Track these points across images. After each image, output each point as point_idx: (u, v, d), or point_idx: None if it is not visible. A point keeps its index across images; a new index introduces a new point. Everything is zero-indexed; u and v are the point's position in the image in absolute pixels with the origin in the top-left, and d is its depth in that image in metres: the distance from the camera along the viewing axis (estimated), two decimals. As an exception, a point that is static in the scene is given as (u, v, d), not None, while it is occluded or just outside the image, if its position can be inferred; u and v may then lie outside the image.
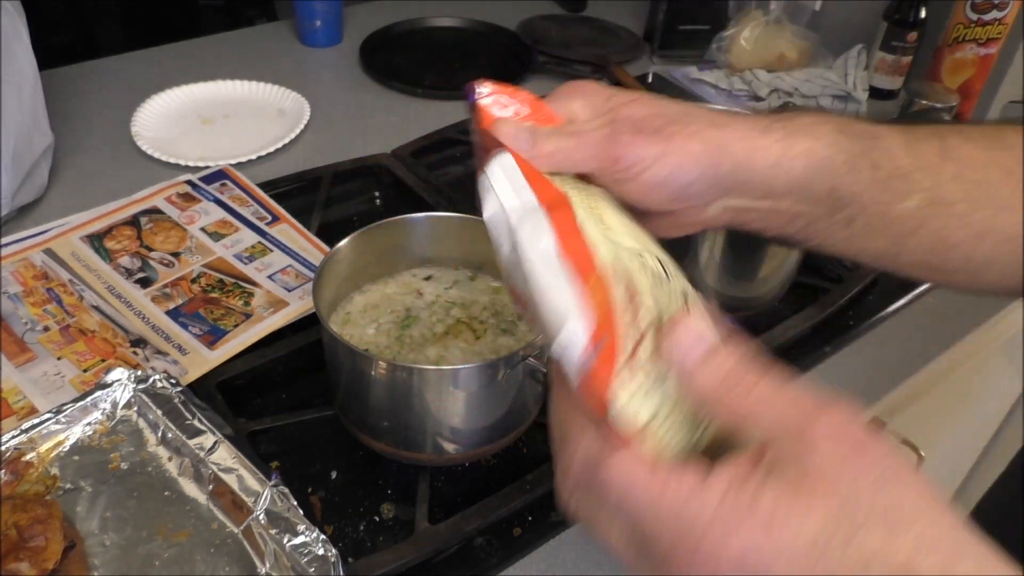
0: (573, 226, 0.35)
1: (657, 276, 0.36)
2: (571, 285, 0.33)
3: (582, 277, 0.33)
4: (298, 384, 0.71)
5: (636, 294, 0.34)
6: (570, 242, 0.34)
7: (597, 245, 0.35)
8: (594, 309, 0.32)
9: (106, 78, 1.11)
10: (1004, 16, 1.05)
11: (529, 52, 1.22)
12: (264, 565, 0.52)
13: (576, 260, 0.34)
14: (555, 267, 0.34)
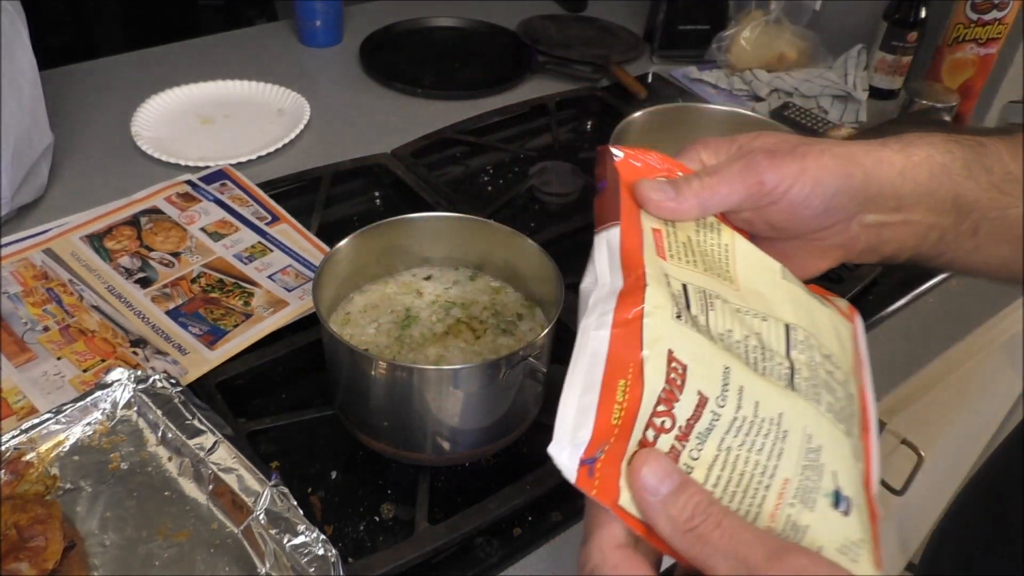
0: (636, 323, 0.35)
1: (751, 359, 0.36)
2: (592, 396, 0.33)
3: (609, 383, 0.33)
4: (298, 384, 0.71)
5: (678, 390, 0.34)
6: (619, 344, 0.34)
7: (656, 341, 0.34)
8: (601, 421, 0.33)
9: (106, 78, 1.11)
10: (1004, 16, 1.05)
11: (529, 52, 1.22)
12: (264, 565, 0.52)
13: (613, 365, 0.34)
14: (592, 370, 0.34)
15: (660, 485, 0.32)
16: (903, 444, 0.98)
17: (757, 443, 0.34)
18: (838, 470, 0.36)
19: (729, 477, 0.34)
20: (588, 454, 0.32)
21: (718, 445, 0.34)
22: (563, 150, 1.05)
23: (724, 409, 0.34)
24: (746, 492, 0.34)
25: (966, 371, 1.01)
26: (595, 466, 0.32)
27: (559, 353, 0.73)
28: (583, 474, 0.32)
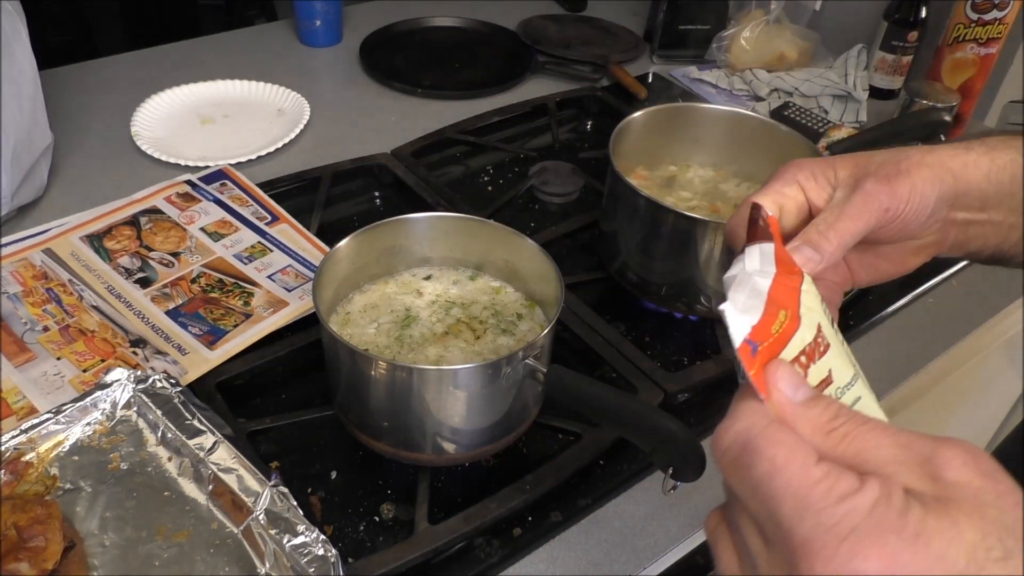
0: (795, 286, 0.37)
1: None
2: (759, 304, 0.34)
3: (771, 307, 0.35)
4: (298, 384, 0.71)
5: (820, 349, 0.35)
6: (780, 289, 0.36)
7: (809, 311, 0.36)
8: (765, 321, 0.34)
9: (106, 78, 1.11)
10: (1004, 16, 1.05)
11: (529, 52, 1.22)
12: (264, 565, 0.52)
13: (774, 300, 0.35)
14: (755, 295, 0.35)
15: (796, 392, 0.32)
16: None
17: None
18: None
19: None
20: (753, 337, 0.33)
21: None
22: (563, 150, 1.05)
23: (844, 399, 0.35)
24: None
25: (966, 371, 1.01)
26: (758, 354, 0.33)
27: (559, 353, 0.74)
28: (746, 349, 0.33)
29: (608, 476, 0.65)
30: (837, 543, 0.28)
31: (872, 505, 0.28)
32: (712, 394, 0.73)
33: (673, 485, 0.54)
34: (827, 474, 0.29)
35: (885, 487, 0.28)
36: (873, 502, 0.28)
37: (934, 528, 0.27)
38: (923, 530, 0.27)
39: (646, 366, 0.71)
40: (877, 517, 0.27)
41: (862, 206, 0.42)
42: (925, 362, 0.80)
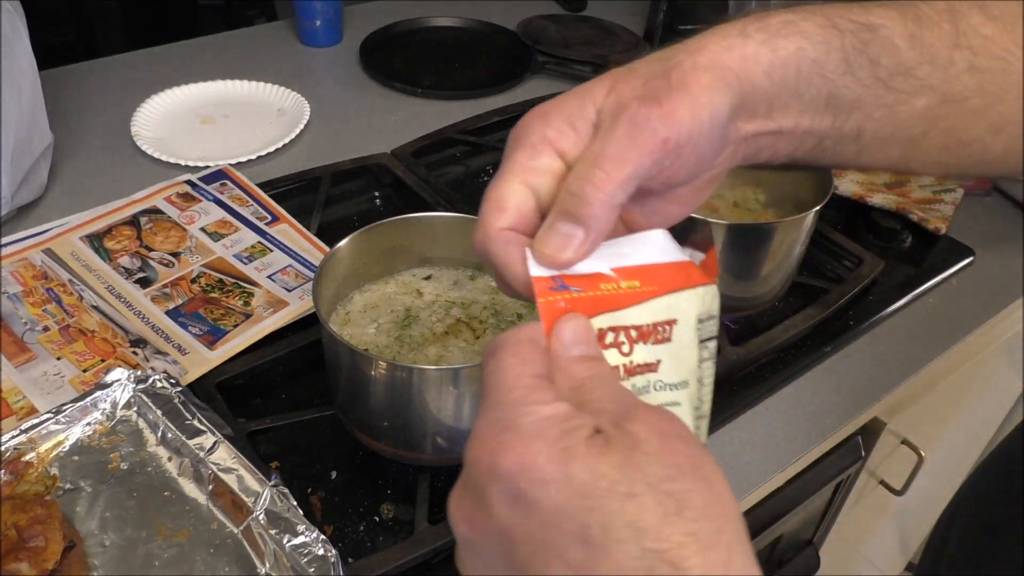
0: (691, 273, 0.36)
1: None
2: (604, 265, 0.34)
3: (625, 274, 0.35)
4: (298, 384, 0.71)
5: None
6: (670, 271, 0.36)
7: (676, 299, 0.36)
8: (596, 277, 0.34)
9: (106, 78, 1.11)
10: (1004, 16, 1.05)
11: (529, 52, 1.22)
12: (264, 565, 0.52)
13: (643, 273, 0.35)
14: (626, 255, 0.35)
15: (573, 346, 0.32)
16: (903, 444, 0.98)
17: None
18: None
19: None
20: (567, 281, 0.33)
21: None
22: (563, 150, 1.05)
23: (657, 393, 0.35)
24: None
25: (966, 371, 1.01)
26: (564, 293, 0.33)
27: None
28: (547, 282, 0.33)
29: (608, 476, 0.65)
30: (496, 433, 0.29)
31: (546, 418, 0.29)
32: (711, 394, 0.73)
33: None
34: (531, 385, 0.30)
35: (571, 411, 0.30)
36: (548, 415, 0.29)
37: (582, 452, 0.28)
38: (571, 450, 0.28)
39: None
40: (542, 426, 0.29)
41: (628, 143, 0.32)
42: (925, 362, 0.80)
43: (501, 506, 0.29)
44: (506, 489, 0.28)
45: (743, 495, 0.67)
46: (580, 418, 0.29)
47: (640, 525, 0.27)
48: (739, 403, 0.73)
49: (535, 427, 0.29)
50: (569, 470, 0.27)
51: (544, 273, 0.33)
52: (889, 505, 1.21)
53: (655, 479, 0.27)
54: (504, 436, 0.29)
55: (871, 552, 1.42)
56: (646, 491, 0.27)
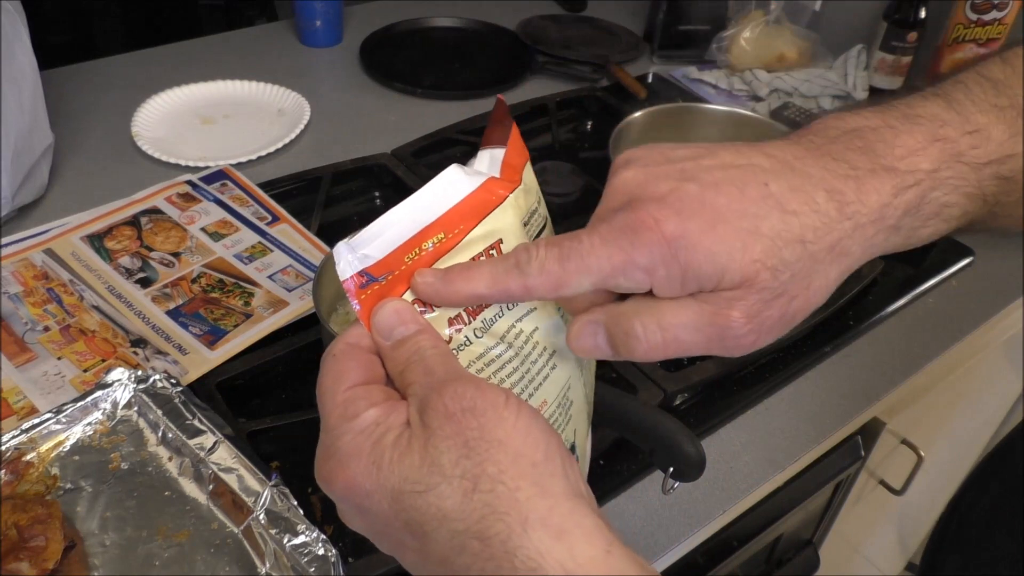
0: (492, 199, 0.36)
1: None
2: (407, 230, 0.35)
3: (429, 231, 0.35)
4: (298, 384, 0.71)
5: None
6: (468, 205, 0.36)
7: (493, 223, 0.36)
8: (397, 253, 0.34)
9: (106, 78, 1.11)
10: (1004, 16, 1.05)
11: (529, 52, 1.22)
12: (264, 565, 0.52)
13: (450, 218, 0.35)
14: (429, 208, 0.35)
15: (389, 334, 0.34)
16: (903, 444, 0.98)
17: (531, 356, 0.37)
18: (578, 431, 0.41)
19: (502, 366, 0.36)
20: (373, 269, 0.34)
21: (500, 336, 0.36)
22: (563, 150, 1.05)
23: (509, 313, 0.36)
24: (512, 387, 0.36)
25: (966, 371, 1.01)
26: (373, 285, 0.34)
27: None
28: (356, 281, 0.34)
29: (608, 476, 0.65)
30: (324, 460, 0.33)
31: (358, 433, 0.32)
32: (712, 394, 0.73)
33: (673, 485, 0.55)
34: (344, 401, 0.33)
35: (380, 415, 0.32)
36: (360, 430, 0.32)
37: (387, 461, 0.31)
38: (379, 462, 0.31)
39: (646, 366, 0.71)
40: (354, 444, 0.32)
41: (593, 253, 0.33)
42: (925, 362, 0.80)
43: (350, 513, 0.34)
44: (347, 504, 0.33)
45: (743, 495, 0.67)
46: (388, 419, 0.32)
47: (443, 512, 0.29)
48: (739, 403, 0.73)
49: (349, 447, 0.32)
50: (381, 480, 0.31)
51: (351, 273, 0.34)
52: (889, 505, 1.21)
53: (448, 465, 0.30)
54: (329, 463, 0.33)
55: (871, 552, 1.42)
56: (441, 481, 0.30)
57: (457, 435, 0.30)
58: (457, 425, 0.30)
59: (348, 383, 0.34)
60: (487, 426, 0.30)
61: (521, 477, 0.29)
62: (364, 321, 0.35)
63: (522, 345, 0.37)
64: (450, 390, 0.31)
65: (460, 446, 0.30)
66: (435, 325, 0.35)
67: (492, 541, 0.29)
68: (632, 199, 0.34)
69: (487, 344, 0.36)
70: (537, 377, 0.37)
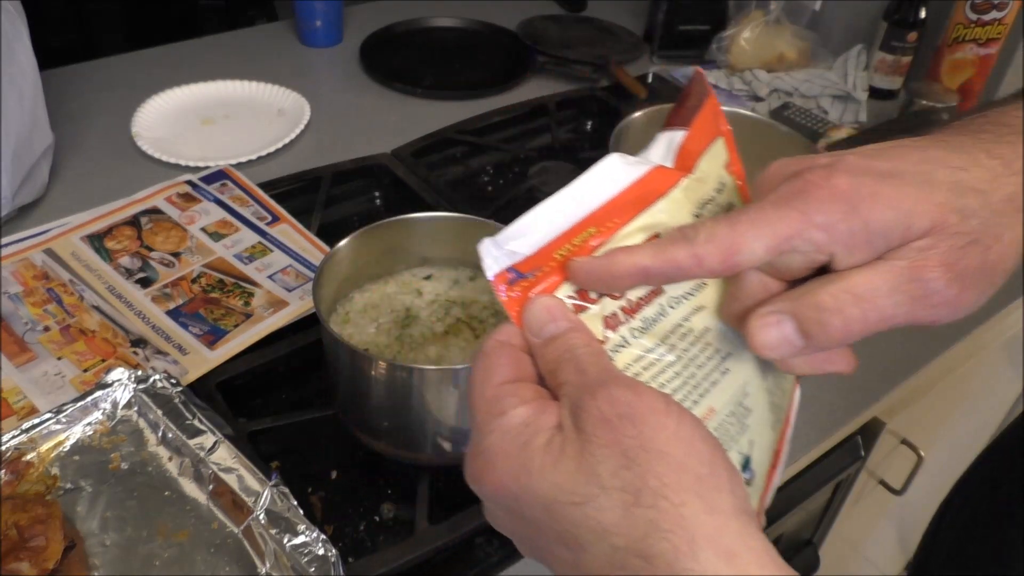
0: (657, 188, 0.34)
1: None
2: (558, 225, 0.33)
3: (583, 225, 0.33)
4: (298, 384, 0.71)
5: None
6: (629, 195, 0.33)
7: (654, 216, 0.34)
8: (547, 249, 0.33)
9: (106, 78, 1.11)
10: (1004, 16, 1.05)
11: (529, 52, 1.22)
12: (264, 565, 0.52)
13: (606, 211, 0.33)
14: (583, 202, 0.33)
15: (540, 331, 0.33)
16: (903, 444, 0.98)
17: (698, 359, 0.34)
18: (755, 443, 0.36)
19: (662, 370, 0.33)
20: (521, 268, 0.33)
21: (662, 337, 0.34)
22: (563, 150, 1.05)
23: (674, 311, 0.34)
24: (673, 393, 0.33)
25: (966, 371, 1.01)
26: (522, 282, 0.33)
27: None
28: (503, 278, 0.33)
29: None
30: (473, 457, 0.32)
31: (505, 432, 0.31)
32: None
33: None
34: (493, 397, 0.32)
35: (529, 415, 0.31)
36: (507, 429, 0.31)
37: (538, 466, 0.29)
38: (529, 465, 0.29)
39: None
40: (502, 444, 0.30)
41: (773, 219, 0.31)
42: (925, 362, 0.80)
43: (497, 514, 0.33)
44: (496, 504, 0.32)
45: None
46: (538, 419, 0.30)
47: (603, 526, 0.28)
48: (739, 403, 0.73)
49: (497, 447, 0.31)
50: (532, 486, 0.29)
51: (498, 269, 0.33)
52: (889, 505, 1.21)
53: (607, 475, 0.28)
54: (477, 462, 0.32)
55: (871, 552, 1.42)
56: (599, 493, 0.28)
57: (614, 443, 0.28)
58: (614, 432, 0.28)
59: (497, 379, 0.32)
60: (646, 434, 0.28)
61: (685, 491, 0.27)
62: (514, 318, 0.33)
63: (688, 347, 0.34)
64: (604, 393, 0.29)
65: (618, 455, 0.28)
66: (589, 325, 0.33)
67: (656, 561, 0.27)
68: (791, 174, 0.32)
69: (646, 345, 0.34)
70: (704, 383, 0.34)
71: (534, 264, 0.33)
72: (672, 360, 0.34)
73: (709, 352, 0.35)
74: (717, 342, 0.35)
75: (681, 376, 0.34)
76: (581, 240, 0.33)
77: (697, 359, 0.34)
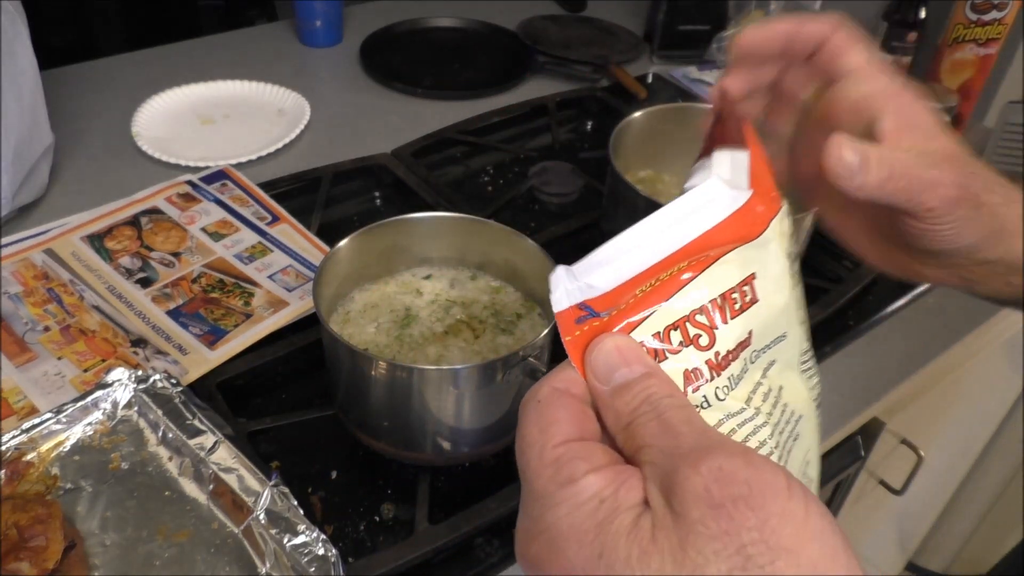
0: (757, 220, 0.30)
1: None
2: (642, 260, 0.29)
3: (671, 260, 0.29)
4: (298, 384, 0.71)
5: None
6: (728, 227, 0.30)
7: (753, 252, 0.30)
8: (627, 285, 0.29)
9: (106, 78, 1.11)
10: (1004, 16, 1.05)
11: (529, 52, 1.22)
12: (264, 565, 0.52)
13: (696, 245, 0.29)
14: (673, 234, 0.29)
15: (609, 376, 0.28)
16: (903, 444, 0.98)
17: (780, 424, 0.30)
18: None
19: (753, 431, 0.29)
20: (595, 307, 0.29)
21: (746, 399, 0.29)
22: (563, 150, 1.05)
23: (753, 366, 0.30)
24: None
25: (966, 371, 1.01)
26: (592, 320, 0.29)
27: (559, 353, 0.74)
28: (572, 315, 0.29)
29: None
30: (532, 536, 0.26)
31: (577, 508, 0.25)
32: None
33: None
34: (558, 461, 0.26)
35: (606, 487, 0.25)
36: (579, 504, 0.25)
37: (623, 558, 0.24)
38: (609, 556, 0.24)
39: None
40: (573, 523, 0.25)
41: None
42: (925, 362, 0.80)
43: None
44: None
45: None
46: (618, 494, 0.25)
47: None
48: (739, 403, 0.73)
49: (566, 526, 0.25)
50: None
51: (569, 304, 0.29)
52: (889, 505, 1.21)
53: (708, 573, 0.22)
54: (539, 541, 0.26)
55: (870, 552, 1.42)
56: None
57: (728, 535, 0.22)
58: (728, 521, 0.23)
59: (559, 438, 0.27)
60: (769, 525, 0.22)
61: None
62: (576, 362, 0.29)
63: (771, 410, 0.30)
64: (710, 464, 0.24)
65: (733, 553, 0.22)
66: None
67: None
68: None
69: (731, 408, 0.29)
70: (786, 454, 0.30)
71: (611, 302, 0.28)
72: (761, 424, 0.29)
73: (787, 415, 0.30)
74: (792, 402, 0.31)
75: (770, 444, 0.29)
76: (669, 275, 0.28)
77: (779, 424, 0.30)
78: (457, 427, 0.59)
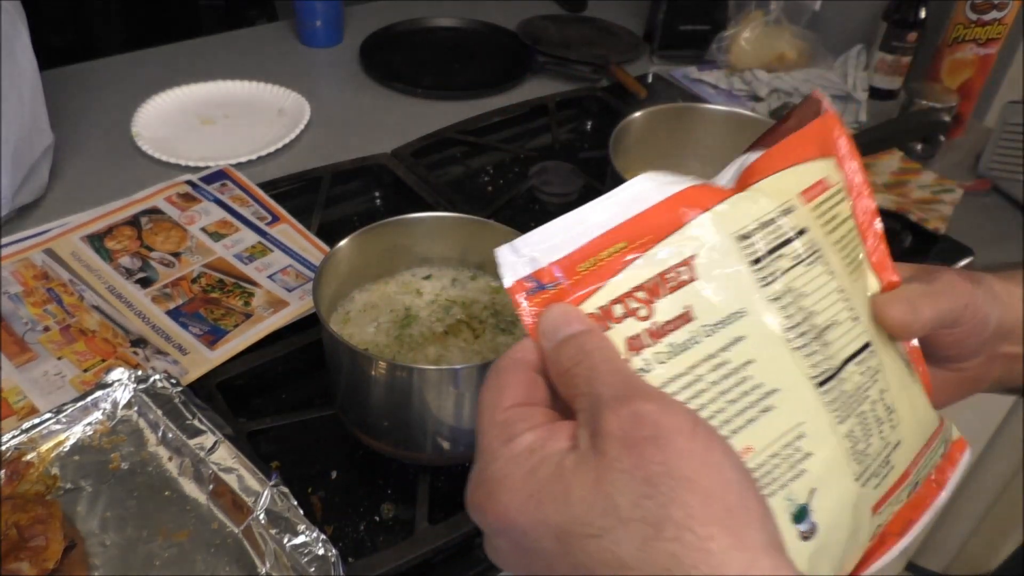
0: (689, 209, 0.33)
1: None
2: (583, 237, 0.32)
3: (610, 237, 0.32)
4: (298, 384, 0.71)
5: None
6: (659, 213, 0.33)
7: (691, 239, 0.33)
8: (570, 259, 0.32)
9: (106, 78, 1.11)
10: (1004, 16, 1.05)
11: (529, 52, 1.22)
12: (264, 565, 0.52)
13: (632, 227, 0.32)
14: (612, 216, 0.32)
15: (554, 335, 0.31)
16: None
17: (730, 394, 0.32)
18: (820, 491, 0.33)
19: (687, 400, 0.31)
20: (541, 278, 0.32)
21: (690, 366, 0.31)
22: (563, 150, 1.05)
23: (708, 340, 0.32)
24: None
25: (966, 371, 1.01)
26: (543, 293, 0.32)
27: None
28: (520, 287, 0.32)
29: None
30: (476, 485, 0.30)
31: (510, 460, 0.29)
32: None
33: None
34: (502, 422, 0.30)
35: (536, 441, 0.29)
36: (513, 456, 0.29)
37: (548, 495, 0.27)
38: (538, 495, 0.28)
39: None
40: (507, 472, 0.29)
41: (948, 288, 0.39)
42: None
43: (503, 549, 0.31)
44: (501, 539, 0.30)
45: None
46: (546, 445, 0.29)
47: (620, 561, 0.26)
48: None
49: (501, 475, 0.29)
50: (542, 517, 0.27)
51: (516, 277, 0.32)
52: (889, 505, 1.20)
53: (627, 507, 0.26)
54: (480, 490, 0.30)
55: (871, 552, 1.41)
56: (617, 525, 0.26)
57: (637, 468, 0.26)
58: (639, 456, 0.26)
59: (508, 402, 0.31)
60: (673, 459, 0.26)
61: (713, 524, 0.25)
62: (530, 330, 0.32)
63: (718, 380, 0.32)
64: (628, 409, 0.27)
65: (640, 483, 0.26)
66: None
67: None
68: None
69: (670, 373, 0.31)
70: (737, 419, 0.31)
71: (555, 275, 0.32)
72: (697, 391, 0.31)
73: (746, 387, 0.32)
74: (762, 376, 0.32)
75: (707, 409, 0.31)
76: (609, 255, 0.32)
77: (729, 393, 0.32)
78: (457, 427, 0.59)
